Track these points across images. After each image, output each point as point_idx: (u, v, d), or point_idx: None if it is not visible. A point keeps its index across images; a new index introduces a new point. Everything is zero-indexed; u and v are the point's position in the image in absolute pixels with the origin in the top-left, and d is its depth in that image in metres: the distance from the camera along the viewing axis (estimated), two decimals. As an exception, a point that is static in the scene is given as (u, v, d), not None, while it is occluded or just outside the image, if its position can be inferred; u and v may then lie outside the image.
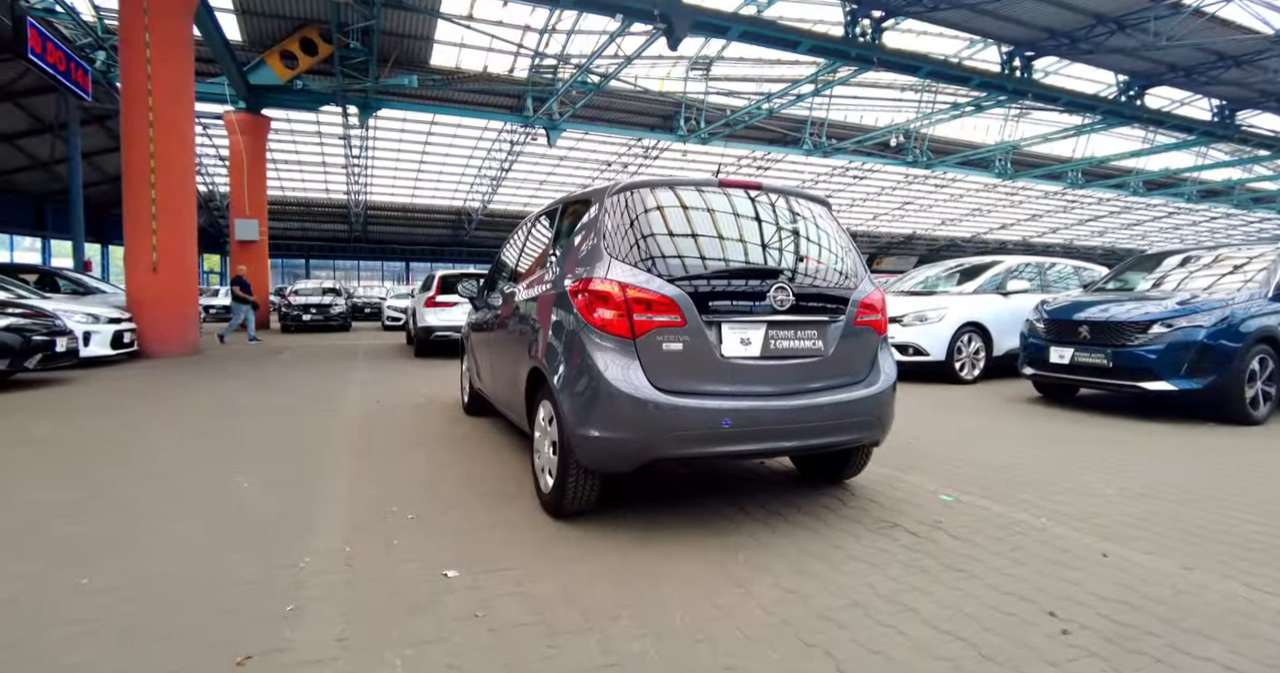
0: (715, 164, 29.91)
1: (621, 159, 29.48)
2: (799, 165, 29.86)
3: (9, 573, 2.30)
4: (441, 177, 32.17)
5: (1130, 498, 3.25)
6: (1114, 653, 1.83)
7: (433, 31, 18.41)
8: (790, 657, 1.80)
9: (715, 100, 22.03)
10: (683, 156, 28.04)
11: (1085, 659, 1.79)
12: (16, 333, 6.47)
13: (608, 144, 27.99)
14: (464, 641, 1.89)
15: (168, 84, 9.90)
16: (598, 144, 28.07)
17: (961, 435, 4.74)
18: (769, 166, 30.14)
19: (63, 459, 3.90)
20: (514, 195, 35.15)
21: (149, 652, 1.81)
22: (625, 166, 30.28)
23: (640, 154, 28.57)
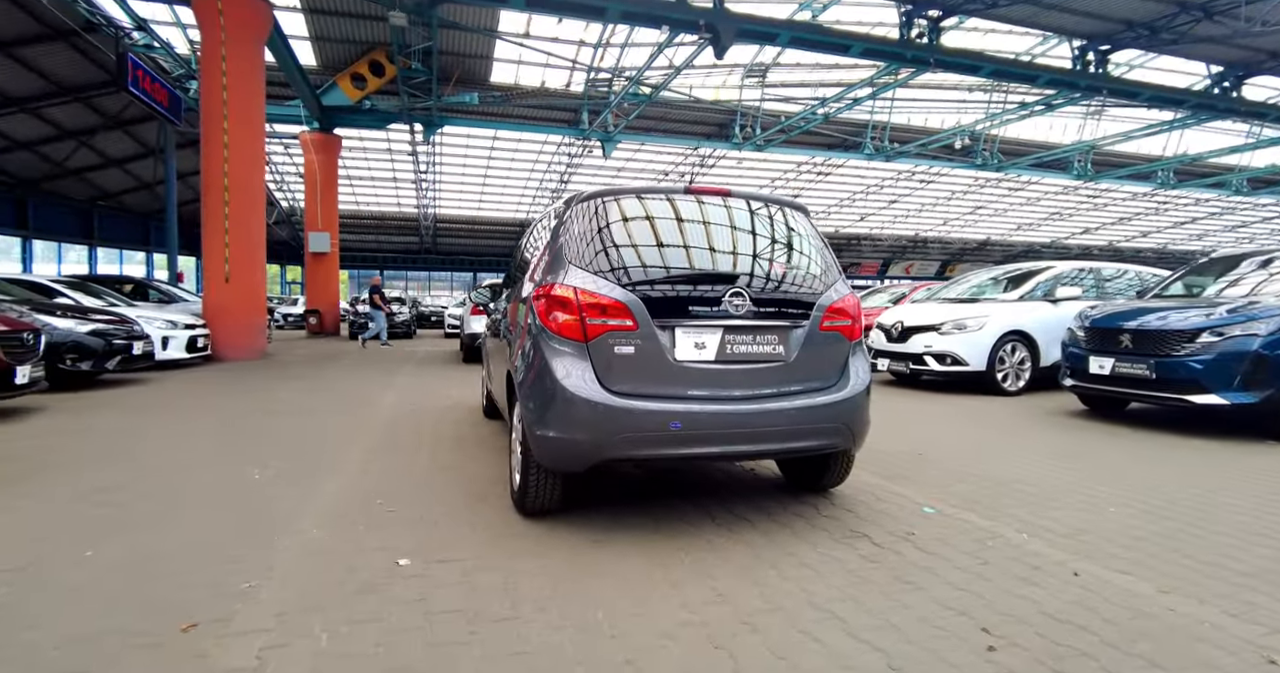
0: (773, 170, 29.66)
1: (678, 168, 29.62)
2: (861, 170, 29.14)
3: (31, 544, 2.59)
4: (505, 189, 33.21)
5: (1133, 516, 3.05)
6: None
7: (492, 50, 19.15)
8: (692, 657, 1.82)
9: (771, 107, 21.86)
10: (738, 164, 27.94)
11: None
12: (100, 337, 7.17)
13: (664, 154, 28.19)
14: (396, 622, 2.00)
15: (241, 107, 10.74)
16: (654, 154, 28.32)
17: (977, 448, 4.54)
18: (829, 172, 29.58)
19: (113, 449, 4.32)
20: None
21: (116, 614, 2.02)
22: (683, 175, 30.41)
23: (697, 163, 28.64)
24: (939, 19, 14.43)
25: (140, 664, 1.76)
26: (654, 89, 18.36)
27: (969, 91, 22.18)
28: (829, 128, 22.56)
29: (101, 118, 19.01)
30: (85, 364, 6.98)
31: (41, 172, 20.77)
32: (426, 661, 1.80)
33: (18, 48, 14.71)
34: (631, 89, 18.59)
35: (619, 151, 27.73)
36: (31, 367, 5.37)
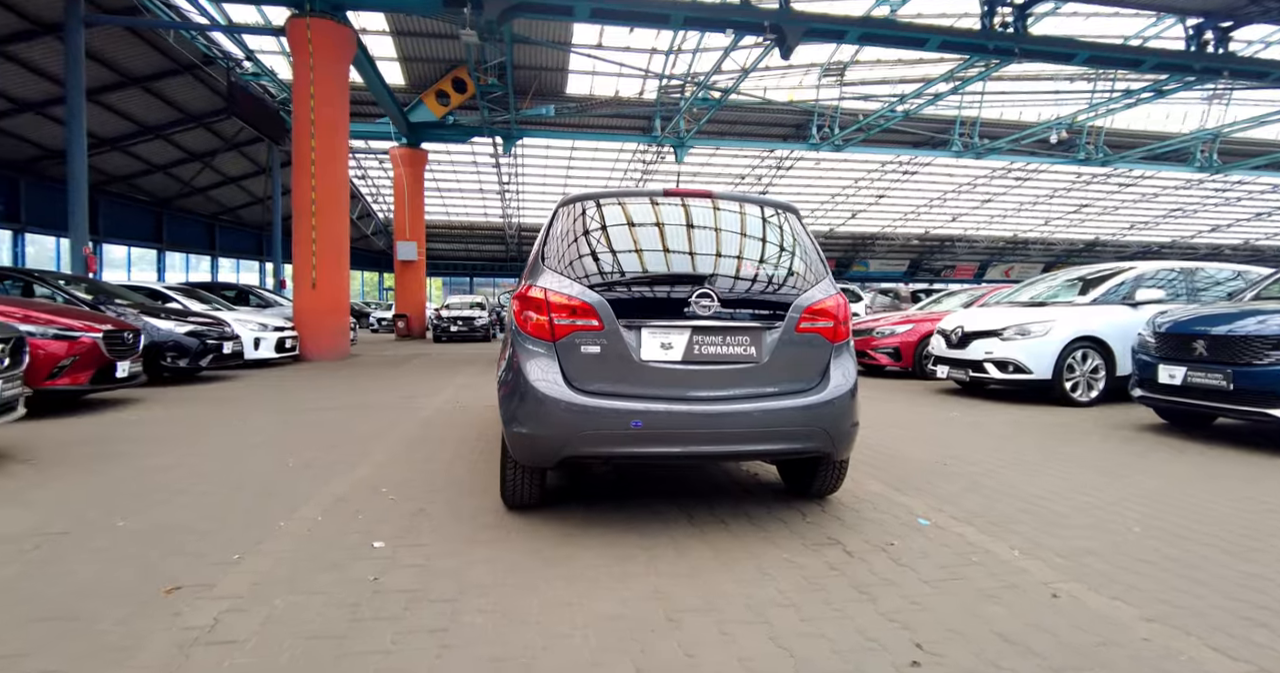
0: (855, 170, 28.72)
1: (755, 171, 29.27)
2: (950, 168, 27.71)
3: (79, 512, 2.96)
4: (583, 197, 33.91)
5: (1158, 540, 2.77)
6: (952, 690, 1.66)
7: (566, 63, 19.73)
8: (601, 649, 1.85)
9: (849, 105, 21.21)
10: (816, 165, 27.27)
11: (911, 691, 1.65)
12: (196, 337, 7.98)
13: (740, 157, 27.97)
14: (342, 596, 2.15)
15: (327, 126, 11.63)
16: (730, 158, 28.15)
17: (1013, 461, 4.24)
18: (915, 171, 28.31)
19: (180, 436, 4.81)
20: (652, 212, 36.12)
21: (119, 574, 2.28)
22: (760, 178, 30.04)
23: (774, 165, 28.19)
24: (1025, 6, 13.54)
25: (120, 617, 1.99)
26: (723, 93, 18.27)
27: (1069, 81, 20.67)
28: (913, 125, 21.64)
29: (221, 141, 21.10)
30: (182, 361, 7.79)
31: (173, 190, 23.30)
32: (349, 631, 1.93)
33: (152, 82, 16.60)
34: (701, 94, 18.60)
35: (694, 157, 27.81)
36: (131, 362, 6.06)
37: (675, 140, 22.43)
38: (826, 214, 35.66)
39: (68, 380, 5.45)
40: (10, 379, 3.72)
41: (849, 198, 32.58)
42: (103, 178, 20.63)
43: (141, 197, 22.67)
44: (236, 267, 28.97)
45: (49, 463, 3.92)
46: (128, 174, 20.93)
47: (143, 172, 21.16)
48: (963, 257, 41.55)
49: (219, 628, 1.94)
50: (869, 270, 42.48)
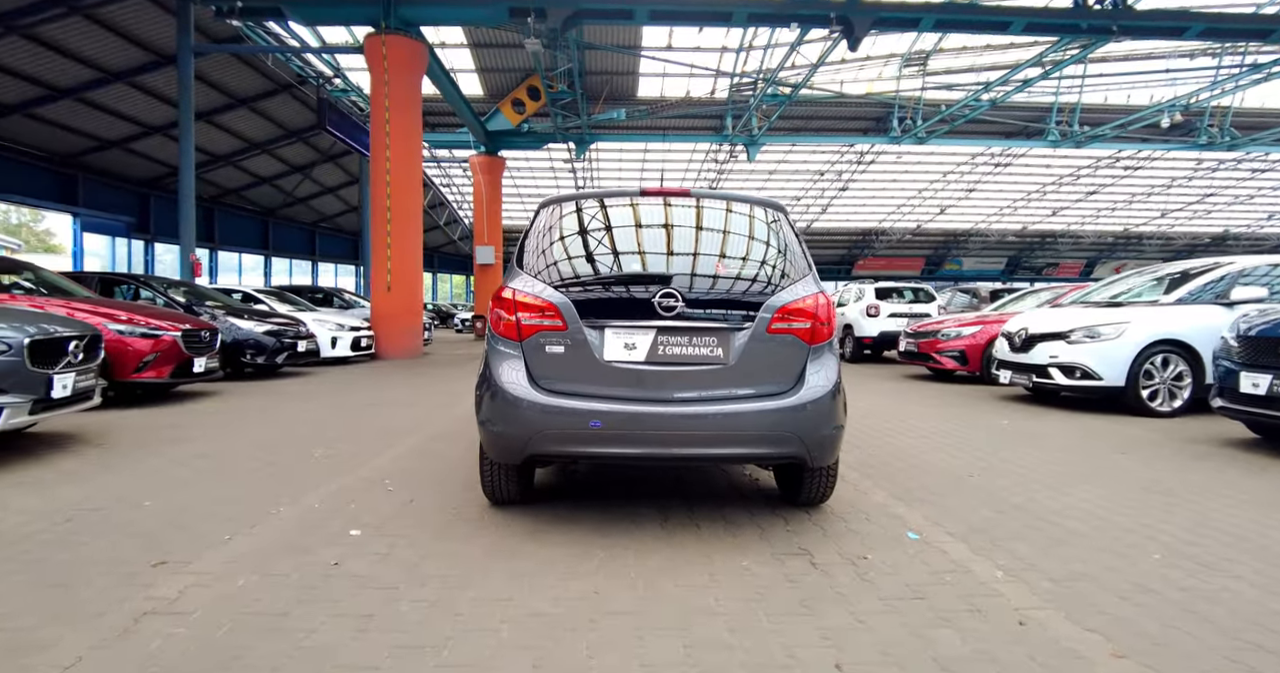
0: (942, 163, 27.26)
1: (834, 167, 28.41)
2: (1048, 158, 25.77)
3: (116, 491, 3.29)
4: (659, 198, 34.03)
5: (1175, 569, 2.47)
6: (849, 713, 1.55)
7: (636, 66, 19.91)
8: (509, 645, 1.86)
9: (933, 95, 20.14)
10: (898, 159, 26.10)
11: (803, 711, 1.56)
12: (273, 336, 8.66)
13: (818, 153, 27.22)
14: (300, 578, 2.28)
15: (401, 136, 12.29)
16: (808, 154, 27.46)
17: (1049, 475, 3.90)
18: (1009, 163, 26.52)
19: (234, 425, 5.24)
20: (728, 212, 35.78)
21: (124, 547, 2.52)
22: (840, 174, 29.11)
23: (854, 160, 27.23)
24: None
25: (103, 586, 2.20)
26: (793, 88, 17.83)
27: (1189, 58, 18.75)
28: (1002, 114, 20.28)
29: (318, 153, 22.75)
30: (260, 358, 8.46)
31: (278, 201, 25.35)
32: (290, 609, 2.04)
33: (256, 102, 18.14)
34: (770, 90, 18.24)
35: (770, 154, 27.33)
36: (207, 358, 6.66)
37: (747, 139, 22.10)
38: (914, 210, 34.05)
39: (152, 373, 6.06)
40: (84, 372, 4.18)
41: (937, 193, 30.95)
42: (218, 191, 22.75)
43: (250, 207, 24.82)
44: (335, 271, 31.15)
45: (115, 447, 4.38)
46: (238, 187, 22.97)
47: (251, 184, 23.16)
48: (1066, 253, 38.48)
49: (179, 601, 2.10)
50: (962, 269, 40.21)
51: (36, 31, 12.46)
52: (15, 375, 3.64)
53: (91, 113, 15.78)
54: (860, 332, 12.16)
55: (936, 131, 20.55)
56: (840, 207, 33.50)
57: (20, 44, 12.69)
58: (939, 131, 20.55)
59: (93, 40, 13.35)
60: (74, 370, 4.05)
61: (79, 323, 4.41)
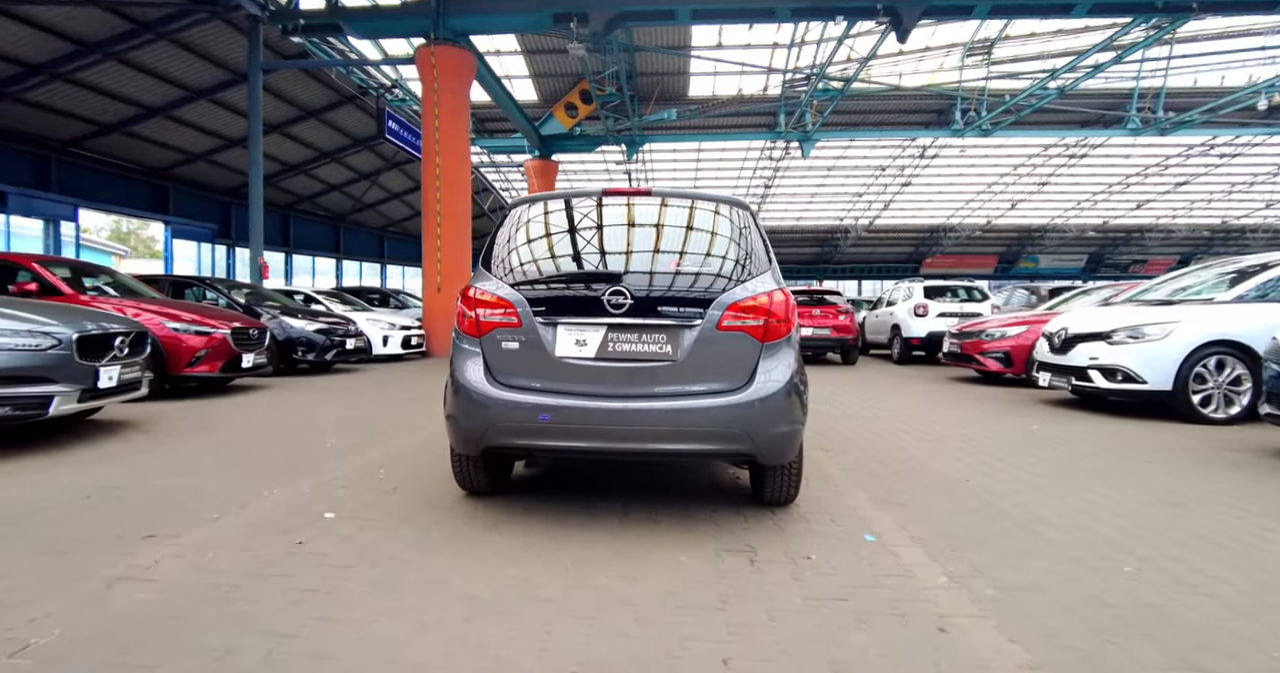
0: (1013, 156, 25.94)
1: (896, 162, 27.46)
2: (1130, 148, 24.07)
3: (138, 473, 3.61)
4: (714, 198, 33.80)
5: (1143, 583, 2.33)
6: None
7: (687, 66, 19.90)
8: (424, 624, 1.96)
9: (998, 85, 19.19)
10: (961, 153, 24.98)
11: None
12: (324, 335, 9.18)
13: (878, 148, 26.41)
14: (265, 555, 2.47)
15: (450, 142, 12.77)
16: (867, 149, 26.68)
17: (1054, 480, 3.70)
18: (1084, 153, 24.92)
19: (267, 417, 5.62)
20: (785, 210, 35.25)
21: (127, 522, 2.78)
22: (902, 170, 28.13)
23: (916, 155, 26.25)
24: (1205, -49, 11.49)
25: (97, 552, 2.45)
26: (844, 83, 17.39)
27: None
28: (1075, 102, 19.12)
29: (383, 161, 23.84)
30: (311, 355, 8.99)
31: (348, 206, 26.70)
32: (243, 582, 2.23)
33: (324, 113, 19.20)
34: (821, 85, 17.86)
35: (829, 150, 26.73)
36: (256, 355, 7.14)
37: (800, 135, 21.70)
38: (983, 205, 32.50)
39: (204, 368, 6.56)
40: (129, 365, 4.59)
41: (1008, 187, 29.44)
42: (293, 198, 24.18)
43: (322, 213, 26.25)
44: (403, 273, 32.53)
45: (156, 433, 4.79)
46: (311, 194, 24.34)
47: (323, 191, 24.50)
48: (1155, 249, 35.80)
49: (151, 569, 2.32)
50: (1039, 266, 38.08)
51: (129, 56, 13.64)
52: (66, 367, 4.04)
53: (179, 128, 17.11)
54: (908, 332, 11.77)
55: (1002, 123, 19.58)
56: (904, 203, 32.35)
57: (117, 69, 13.92)
58: (1004, 123, 19.57)
59: (178, 62, 14.50)
60: (119, 363, 4.46)
61: (127, 320, 4.84)
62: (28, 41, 12.45)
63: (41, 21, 12.06)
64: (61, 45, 12.78)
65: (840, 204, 33.57)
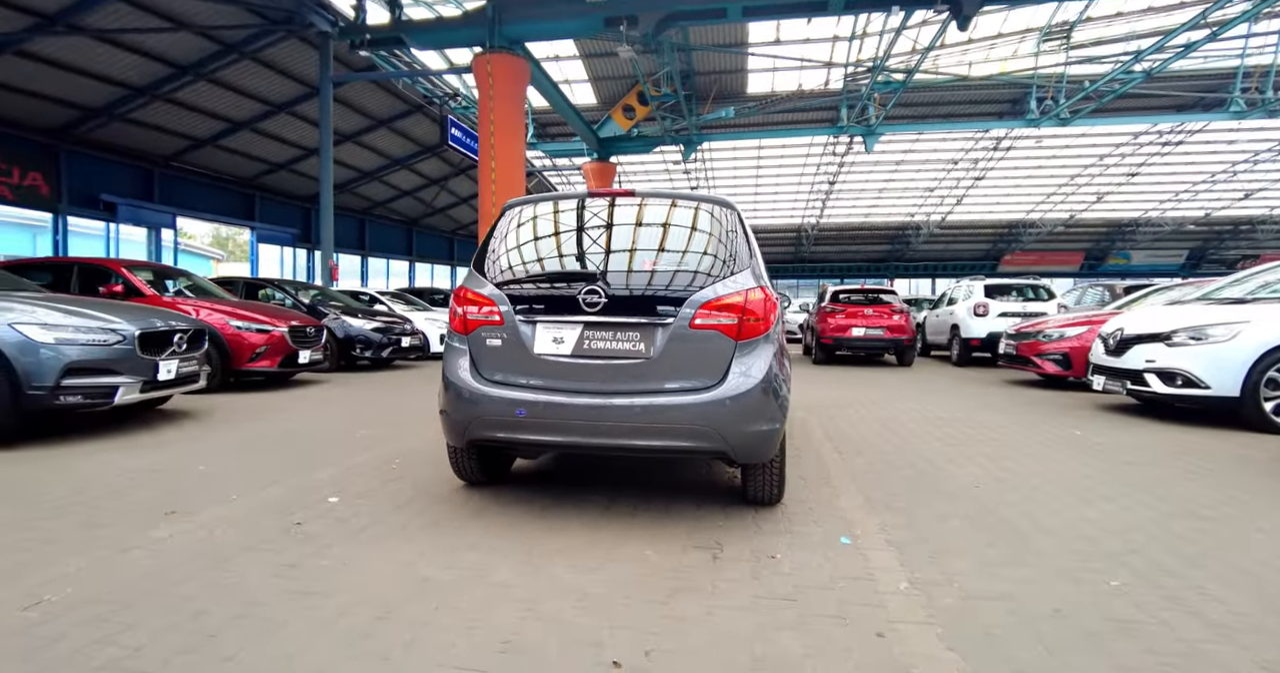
0: (1099, 145, 24.29)
1: (968, 155, 26.25)
2: (1231, 133, 22.04)
3: (182, 459, 3.96)
4: (777, 197, 33.35)
5: (1124, 598, 2.19)
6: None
7: (744, 63, 19.73)
8: (372, 598, 2.09)
9: (1080, 70, 18.01)
10: (1037, 144, 23.57)
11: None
12: (381, 333, 9.69)
13: (948, 141, 25.31)
14: (262, 533, 2.68)
15: (505, 147, 13.15)
16: (936, 142, 25.61)
17: (1073, 490, 3.49)
18: (1180, 140, 22.99)
19: (316, 409, 6.00)
20: (853, 206, 34.29)
21: (156, 502, 3.07)
22: (975, 163, 26.86)
23: (990, 147, 25.00)
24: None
25: (124, 526, 2.72)
26: (906, 74, 16.77)
27: None
28: (1167, 85, 17.73)
29: (451, 167, 24.80)
30: (368, 352, 9.51)
31: (419, 211, 27.94)
32: (233, 555, 2.43)
33: (394, 122, 20.17)
34: (882, 78, 17.29)
35: (896, 144, 25.86)
36: (312, 351, 7.63)
37: (864, 129, 21.07)
38: (1066, 199, 30.53)
39: (264, 363, 7.07)
40: (187, 359, 5.03)
41: (1093, 179, 27.54)
42: (368, 204, 25.51)
43: (395, 217, 27.57)
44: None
45: (214, 422, 5.22)
46: (384, 200, 25.61)
47: (395, 196, 25.73)
48: (1267, 243, 32.58)
49: (163, 542, 2.57)
50: (1131, 263, 35.43)
51: (218, 76, 14.79)
52: (129, 361, 4.48)
53: (263, 140, 18.40)
54: (967, 333, 11.26)
55: (1081, 111, 18.34)
56: (978, 197, 30.82)
57: (207, 88, 15.13)
58: (1084, 111, 18.32)
59: (260, 79, 15.60)
60: (177, 358, 4.89)
61: (186, 318, 5.30)
62: (133, 67, 13.72)
63: (143, 48, 13.26)
64: (160, 68, 14.01)
65: (910, 199, 32.36)
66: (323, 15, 13.43)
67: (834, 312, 11.63)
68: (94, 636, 1.86)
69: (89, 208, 15.63)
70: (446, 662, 1.75)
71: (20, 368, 4.03)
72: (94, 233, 16.16)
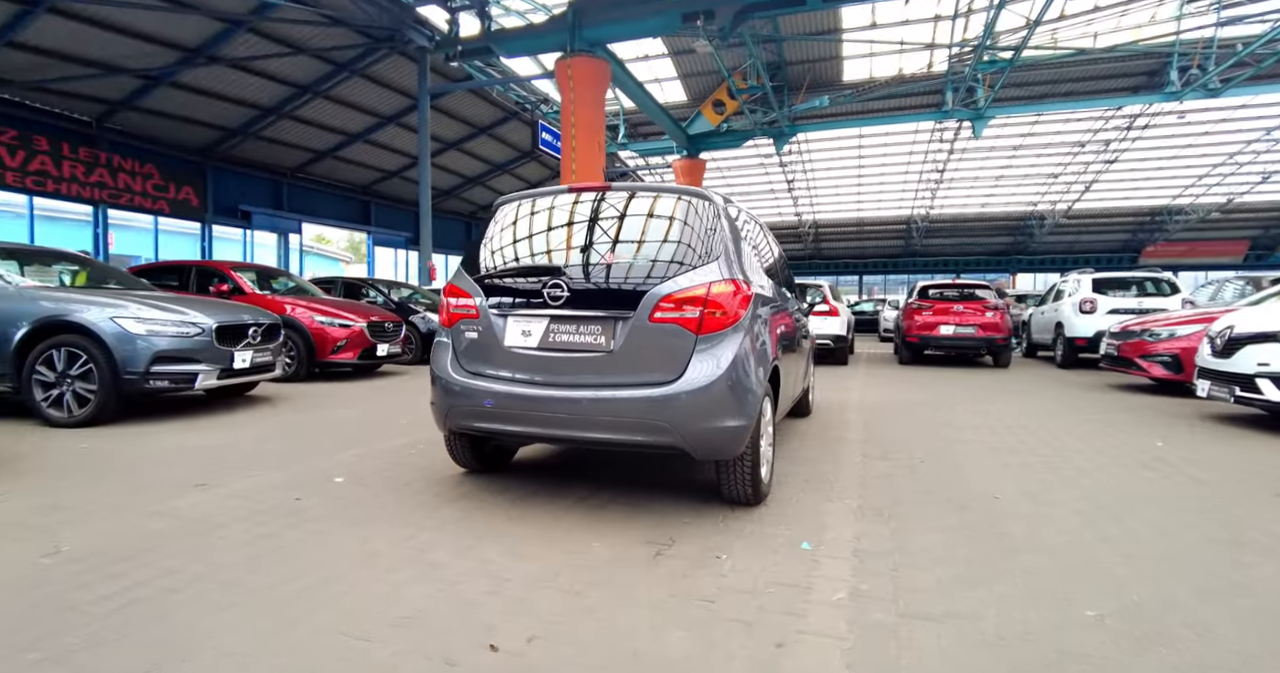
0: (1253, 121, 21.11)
1: (1096, 136, 23.70)
2: None
3: (239, 439, 4.42)
4: (883, 187, 31.74)
5: (1098, 633, 1.94)
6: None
7: (839, 51, 18.99)
8: (314, 564, 2.25)
9: (1228, 33, 15.74)
10: (1179, 120, 20.81)
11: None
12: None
13: (1073, 121, 22.97)
14: (264, 506, 2.95)
15: (586, 149, 13.46)
16: (1059, 124, 23.32)
17: (1109, 507, 3.10)
18: (1375, 108, 19.42)
19: (380, 398, 6.47)
20: (967, 196, 32.00)
21: (194, 475, 3.45)
22: (1106, 145, 24.22)
23: (1124, 126, 22.42)
24: None
25: (158, 494, 3.09)
26: (1014, 51, 15.40)
27: None
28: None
29: (549, 171, 25.65)
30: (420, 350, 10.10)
31: (518, 212, 29.15)
32: (230, 521, 2.71)
33: (493, 129, 21.19)
34: (988, 56, 15.98)
35: (1013, 127, 23.81)
36: (390, 345, 8.22)
37: (972, 113, 19.58)
38: (1223, 180, 26.74)
39: (346, 355, 7.71)
40: (261, 350, 5.59)
41: (1257, 157, 23.96)
42: (473, 207, 26.98)
43: (498, 219, 28.99)
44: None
45: (284, 407, 5.77)
46: (487, 203, 26.94)
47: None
48: None
49: (181, 509, 2.90)
50: (1311, 252, 30.49)
51: (332, 93, 16.23)
52: (207, 351, 5.05)
53: (375, 150, 19.96)
54: (1071, 331, 10.20)
55: (1234, 79, 16.01)
56: (1112, 183, 27.69)
57: (324, 104, 16.64)
58: (1238, 79, 15.98)
59: (369, 94, 16.93)
60: (252, 349, 5.45)
61: (264, 313, 5.88)
62: (262, 89, 15.35)
63: (269, 72, 14.79)
64: (284, 89, 15.57)
65: (1032, 187, 29.68)
66: (420, 31, 14.37)
67: (920, 308, 10.93)
68: (81, 581, 2.15)
69: (229, 216, 17.68)
70: (342, 628, 1.87)
71: (119, 355, 4.66)
72: (233, 238, 18.25)
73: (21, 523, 2.70)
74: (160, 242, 16.79)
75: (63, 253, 6.10)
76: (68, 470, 3.54)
